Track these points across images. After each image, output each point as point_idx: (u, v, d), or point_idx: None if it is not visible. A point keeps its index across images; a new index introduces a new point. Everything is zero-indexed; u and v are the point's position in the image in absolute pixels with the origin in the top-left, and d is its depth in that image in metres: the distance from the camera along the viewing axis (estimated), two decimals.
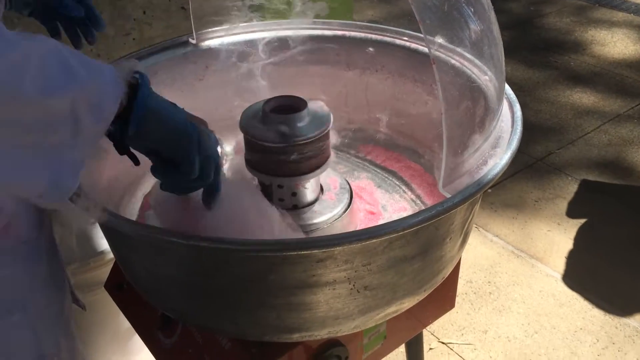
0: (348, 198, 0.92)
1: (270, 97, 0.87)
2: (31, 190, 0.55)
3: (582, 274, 1.93)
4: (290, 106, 0.85)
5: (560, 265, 1.97)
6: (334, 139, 0.92)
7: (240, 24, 1.10)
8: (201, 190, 0.70)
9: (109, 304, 1.06)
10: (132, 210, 0.99)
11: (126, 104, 0.58)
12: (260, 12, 1.07)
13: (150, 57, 1.02)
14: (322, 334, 0.76)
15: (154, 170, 0.65)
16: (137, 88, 0.59)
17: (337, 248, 0.65)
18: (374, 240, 0.66)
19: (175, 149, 0.62)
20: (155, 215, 0.76)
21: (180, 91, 1.05)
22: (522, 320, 1.78)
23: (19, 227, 0.66)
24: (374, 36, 1.07)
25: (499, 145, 0.79)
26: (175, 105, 0.64)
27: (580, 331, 1.74)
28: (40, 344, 0.71)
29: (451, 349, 1.71)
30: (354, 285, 0.70)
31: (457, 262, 0.90)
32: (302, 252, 0.65)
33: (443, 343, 1.73)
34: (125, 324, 1.11)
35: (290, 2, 1.01)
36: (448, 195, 0.69)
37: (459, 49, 0.80)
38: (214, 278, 0.72)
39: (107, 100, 0.56)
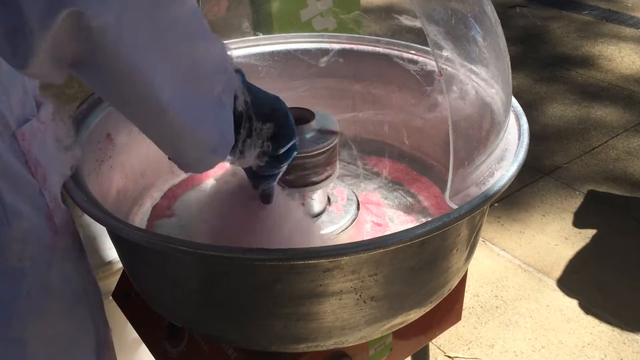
0: (355, 209, 0.92)
1: None
2: (208, 142, 0.62)
3: (589, 289, 1.92)
4: (298, 118, 0.86)
5: (567, 279, 1.96)
6: (341, 150, 0.92)
7: (248, 38, 1.12)
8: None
9: (116, 315, 1.07)
10: (141, 220, 1.00)
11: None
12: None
13: None
14: (329, 344, 0.76)
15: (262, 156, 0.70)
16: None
17: (344, 258, 0.66)
18: (381, 251, 0.66)
19: (280, 113, 0.69)
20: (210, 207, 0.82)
21: None
22: (529, 334, 1.77)
23: (70, 223, 0.72)
24: (381, 49, 1.08)
25: (505, 157, 0.80)
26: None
27: (587, 346, 1.73)
28: (98, 332, 0.76)
29: None
30: (360, 295, 0.71)
31: (463, 274, 0.90)
32: (310, 262, 0.66)
33: (449, 357, 1.72)
34: (132, 334, 1.12)
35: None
36: (455, 207, 0.70)
37: (465, 62, 0.81)
38: (221, 287, 0.73)
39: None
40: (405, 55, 1.06)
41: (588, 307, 1.85)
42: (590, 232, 2.15)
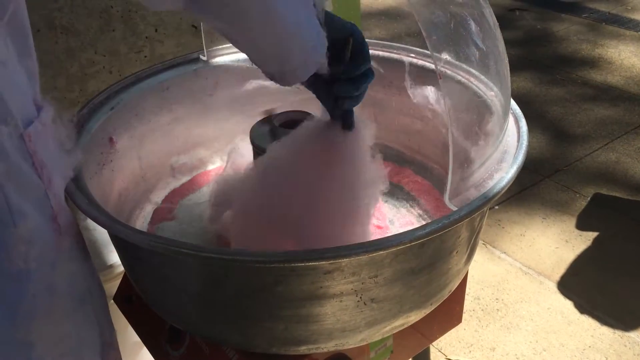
0: None
1: (279, 112, 0.89)
2: (311, 38, 0.70)
3: (591, 291, 1.92)
4: (298, 120, 0.86)
5: (568, 282, 1.96)
6: None
7: None
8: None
9: (117, 318, 1.07)
10: (143, 223, 1.01)
11: None
12: None
13: (161, 73, 1.04)
14: (329, 346, 0.76)
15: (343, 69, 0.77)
16: None
17: (345, 260, 0.66)
18: (381, 252, 0.67)
19: (356, 36, 0.76)
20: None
21: (190, 106, 1.07)
22: (530, 337, 1.77)
23: (74, 225, 0.72)
24: (381, 53, 1.09)
25: (505, 159, 0.80)
26: None
27: (589, 349, 1.73)
28: (103, 333, 0.76)
29: None
30: (360, 297, 0.71)
31: (464, 276, 0.90)
32: (310, 264, 0.66)
33: None
34: (134, 337, 1.12)
35: None
36: (454, 209, 0.70)
37: (465, 65, 0.82)
38: (222, 289, 0.73)
39: None
40: (405, 58, 1.06)
41: (589, 310, 1.85)
42: (591, 235, 2.15)
